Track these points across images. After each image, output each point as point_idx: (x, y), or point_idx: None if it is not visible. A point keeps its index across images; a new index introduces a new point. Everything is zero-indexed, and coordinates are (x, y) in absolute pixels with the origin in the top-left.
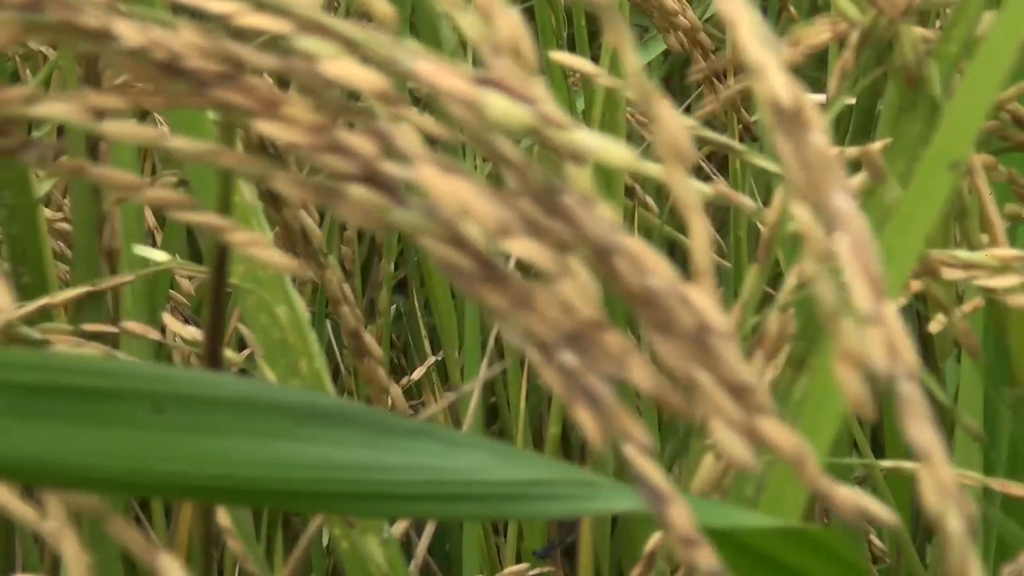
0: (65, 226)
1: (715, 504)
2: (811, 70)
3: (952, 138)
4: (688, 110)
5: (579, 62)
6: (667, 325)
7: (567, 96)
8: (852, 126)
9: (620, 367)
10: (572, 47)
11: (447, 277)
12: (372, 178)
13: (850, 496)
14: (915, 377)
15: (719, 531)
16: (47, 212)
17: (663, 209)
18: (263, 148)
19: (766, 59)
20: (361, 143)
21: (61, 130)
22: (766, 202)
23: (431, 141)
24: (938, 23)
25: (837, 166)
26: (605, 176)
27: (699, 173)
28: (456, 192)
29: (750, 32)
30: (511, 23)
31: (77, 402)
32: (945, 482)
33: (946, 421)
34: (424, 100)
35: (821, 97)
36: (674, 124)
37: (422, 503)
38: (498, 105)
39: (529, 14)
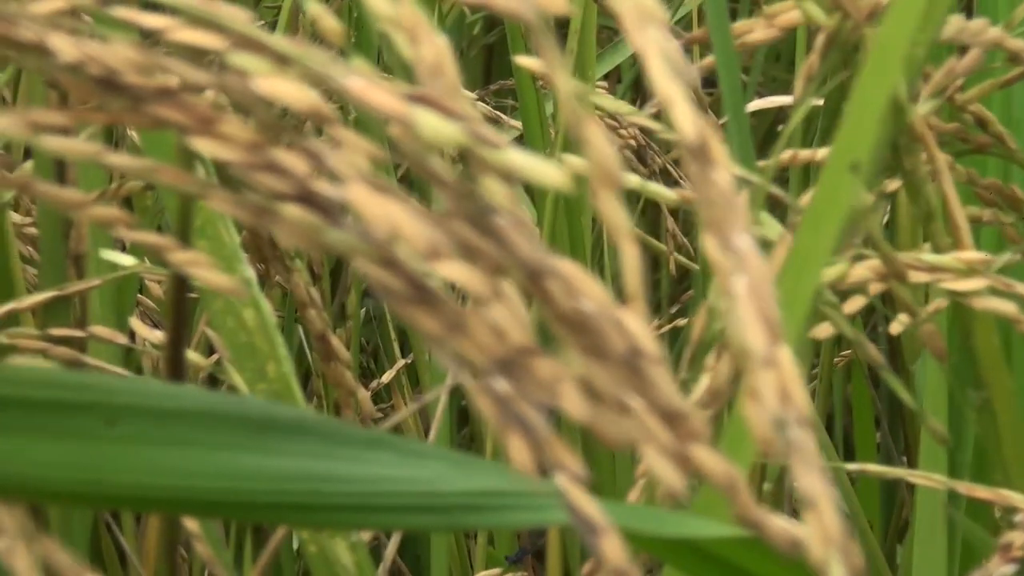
0: (33, 230)
1: (667, 513)
2: (781, 71)
3: (852, 139)
4: (659, 115)
5: (541, 59)
6: (599, 349)
7: (536, 100)
8: (820, 128)
9: (552, 394)
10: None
11: (381, 298)
12: (306, 198)
13: (783, 527)
14: (806, 422)
15: (673, 540)
16: (15, 216)
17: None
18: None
19: (674, 92)
20: (294, 162)
21: None
22: None
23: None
24: None
25: (740, 206)
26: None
27: (666, 177)
28: (387, 213)
29: (659, 63)
30: (436, 46)
31: (29, 414)
32: (832, 533)
33: (912, 423)
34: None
35: (789, 99)
36: (603, 148)
37: (381, 514)
38: (429, 122)
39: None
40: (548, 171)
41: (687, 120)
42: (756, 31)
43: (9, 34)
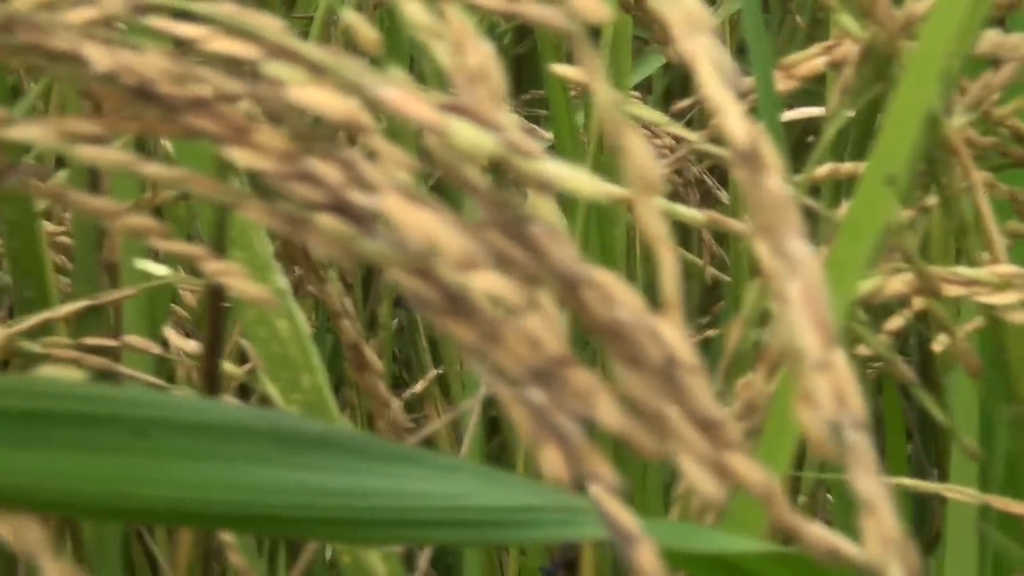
0: (66, 239)
1: (700, 528)
2: (810, 83)
3: (888, 153)
4: (690, 124)
5: (578, 75)
6: (635, 358)
7: (567, 110)
8: (852, 140)
9: (588, 405)
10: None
11: (415, 308)
12: (340, 207)
13: (821, 534)
14: (862, 426)
15: (705, 556)
16: (48, 225)
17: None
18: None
19: (725, 99)
20: (329, 172)
21: None
22: None
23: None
24: None
25: (792, 210)
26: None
27: (699, 183)
28: (422, 223)
29: (710, 71)
30: (482, 54)
31: (59, 428)
32: (889, 534)
33: (944, 436)
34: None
35: (820, 110)
36: (643, 156)
37: (412, 529)
38: (464, 132)
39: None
40: (583, 181)
41: (738, 126)
42: (809, 62)
43: (43, 43)
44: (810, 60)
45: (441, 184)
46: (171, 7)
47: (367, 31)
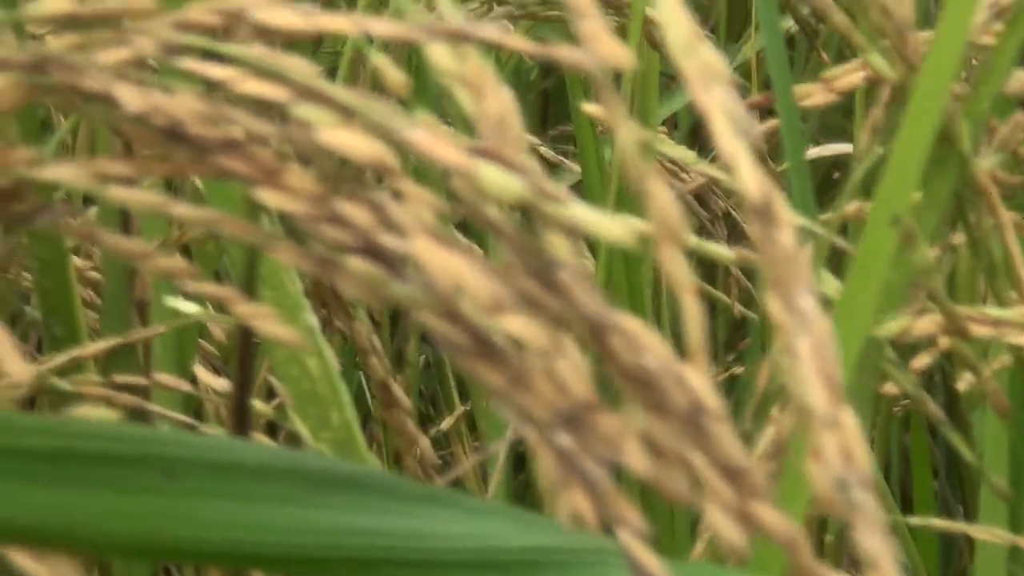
0: (95, 275)
1: (725, 571)
2: (838, 117)
3: (892, 193)
4: (715, 161)
5: (605, 112)
6: (661, 405)
7: (595, 145)
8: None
9: (615, 450)
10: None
11: (444, 351)
12: (370, 250)
13: None
14: (867, 483)
15: None
16: (77, 261)
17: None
18: None
19: (738, 150)
20: (358, 214)
21: None
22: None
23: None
24: (966, 78)
25: (804, 265)
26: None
27: (726, 217)
28: (450, 266)
29: (723, 123)
30: (501, 100)
31: (89, 467)
32: None
33: (971, 473)
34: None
35: (848, 147)
36: (666, 203)
37: (440, 570)
38: (491, 176)
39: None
40: (611, 226)
41: (751, 180)
42: (815, 95)
43: (76, 84)
44: (849, 75)
45: (467, 223)
46: (202, 48)
47: (394, 73)
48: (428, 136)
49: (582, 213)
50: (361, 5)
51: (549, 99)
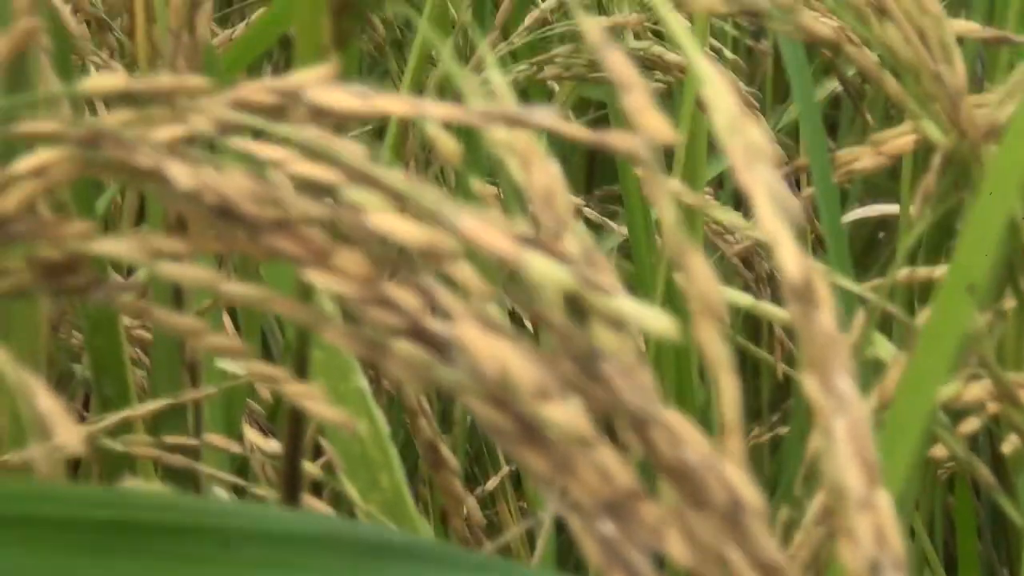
0: (143, 333)
1: None
2: (884, 178)
3: (968, 261)
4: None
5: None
6: (701, 499)
7: (642, 207)
8: (925, 242)
9: (658, 538)
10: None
11: (490, 435)
12: (417, 334)
13: None
14: (901, 565)
15: None
16: (125, 319)
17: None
18: None
19: (781, 233)
20: (406, 297)
21: None
22: None
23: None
24: None
25: (842, 347)
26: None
27: (770, 279)
28: (497, 352)
29: (766, 202)
30: (548, 173)
31: (145, 538)
32: None
33: (1016, 535)
34: None
35: (894, 208)
36: (706, 279)
37: None
38: (540, 266)
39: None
40: (657, 319)
41: (792, 261)
42: (863, 159)
43: (128, 160)
44: (899, 138)
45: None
46: (254, 128)
47: (448, 143)
48: (478, 223)
49: (629, 306)
50: (411, 67)
51: (595, 158)
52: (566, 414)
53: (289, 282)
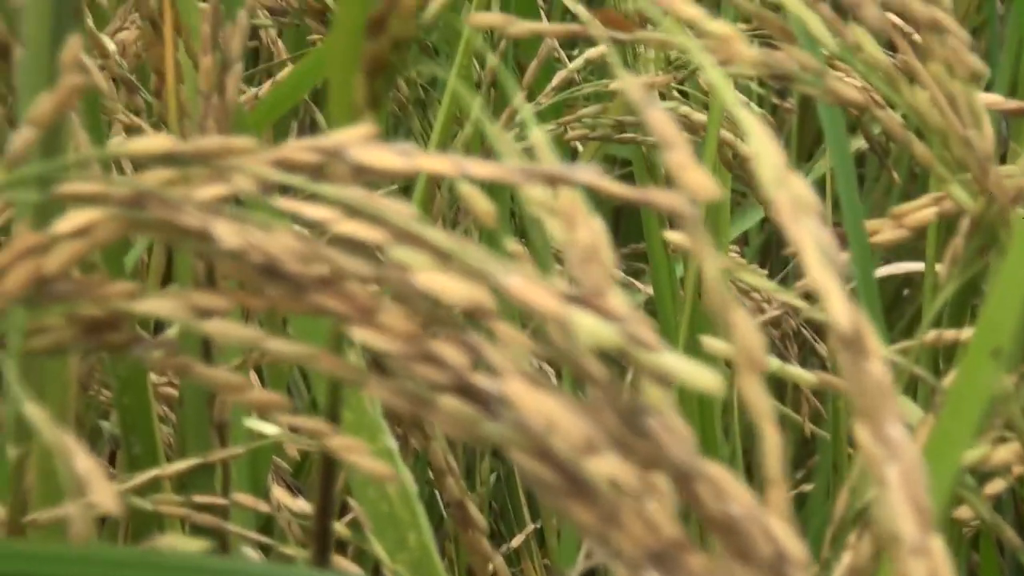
0: (170, 390)
1: None
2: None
3: (993, 326)
4: (785, 280)
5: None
6: (745, 552)
7: (668, 267)
8: (951, 302)
9: None
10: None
11: (535, 490)
12: (463, 389)
13: None
14: None
15: None
16: (152, 376)
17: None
18: None
19: (829, 283)
20: (452, 354)
21: None
22: None
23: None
24: None
25: (892, 395)
26: None
27: (797, 336)
28: (543, 407)
29: (815, 254)
30: (592, 231)
31: None
32: None
33: None
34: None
35: (919, 266)
36: (749, 333)
37: None
38: (586, 324)
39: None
40: (703, 376)
41: (841, 311)
42: (885, 231)
43: (173, 219)
44: (920, 210)
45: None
46: (299, 187)
47: (483, 204)
48: (523, 282)
49: (674, 362)
50: (438, 125)
51: (621, 215)
52: (612, 467)
53: (319, 335)
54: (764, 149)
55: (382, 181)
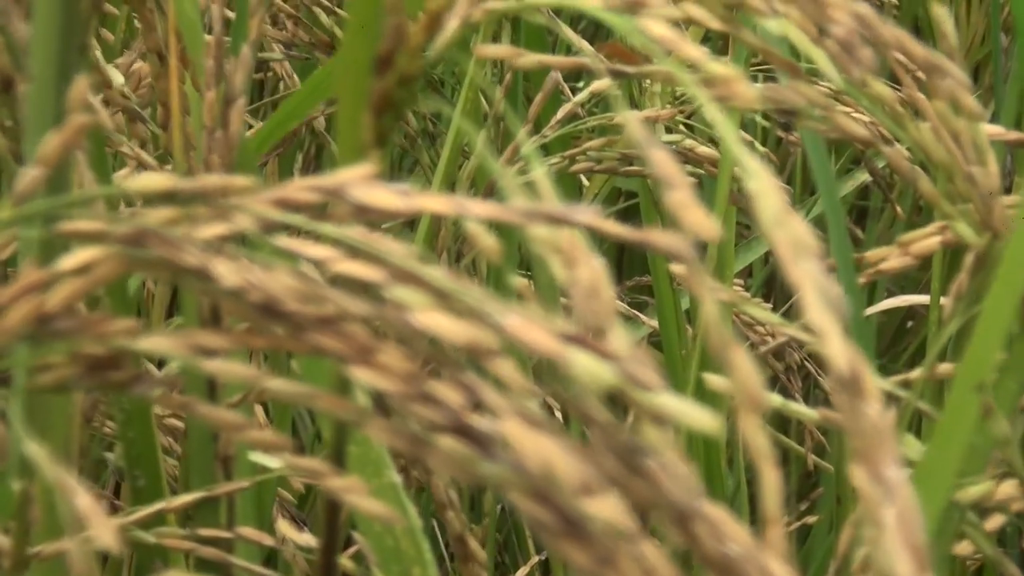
0: (175, 422)
1: None
2: (914, 269)
3: (976, 361)
4: (789, 312)
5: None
6: None
7: (673, 299)
8: (955, 339)
9: None
10: None
11: (532, 530)
12: (461, 430)
13: None
14: None
15: None
16: (156, 408)
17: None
18: None
19: (828, 324)
20: (449, 394)
21: None
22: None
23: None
24: None
25: (890, 437)
26: None
27: (800, 368)
28: (540, 448)
29: (814, 296)
30: (592, 269)
31: None
32: None
33: None
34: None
35: (923, 299)
36: (749, 373)
37: None
38: (583, 363)
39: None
40: (700, 416)
41: (840, 353)
42: (891, 259)
43: (173, 258)
44: (926, 239)
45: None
46: (299, 227)
47: (487, 239)
48: (522, 322)
49: (672, 403)
50: (444, 159)
51: (625, 249)
52: (609, 509)
53: (323, 373)
54: (764, 189)
55: (384, 219)
